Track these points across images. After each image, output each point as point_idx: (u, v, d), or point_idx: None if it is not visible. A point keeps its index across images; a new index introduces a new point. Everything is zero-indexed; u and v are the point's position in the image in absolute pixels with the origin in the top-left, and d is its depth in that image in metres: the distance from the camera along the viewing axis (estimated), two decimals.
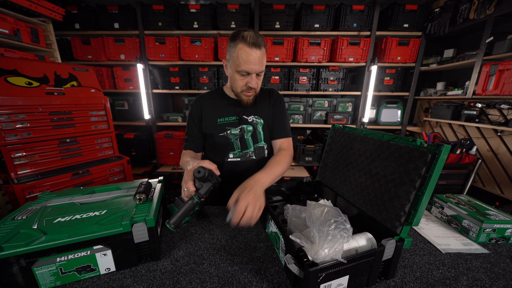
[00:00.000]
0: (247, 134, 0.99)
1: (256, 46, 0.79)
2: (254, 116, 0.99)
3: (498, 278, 0.60)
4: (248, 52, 0.80)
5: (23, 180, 1.35)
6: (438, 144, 0.52)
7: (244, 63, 0.81)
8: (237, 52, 0.81)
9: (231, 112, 0.99)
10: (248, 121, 0.98)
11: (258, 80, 0.88)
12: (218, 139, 0.98)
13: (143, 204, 0.71)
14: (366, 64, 2.39)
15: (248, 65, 0.81)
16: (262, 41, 0.81)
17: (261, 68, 0.84)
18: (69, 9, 2.26)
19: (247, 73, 0.84)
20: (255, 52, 0.80)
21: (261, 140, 1.02)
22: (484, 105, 1.86)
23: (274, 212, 0.71)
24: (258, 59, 0.81)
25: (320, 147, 2.50)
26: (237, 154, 1.01)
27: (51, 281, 0.56)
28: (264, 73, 0.90)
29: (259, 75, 0.87)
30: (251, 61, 0.80)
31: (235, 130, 0.98)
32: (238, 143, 0.99)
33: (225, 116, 0.98)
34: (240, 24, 2.28)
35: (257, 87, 0.89)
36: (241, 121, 0.98)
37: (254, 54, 0.80)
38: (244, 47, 0.80)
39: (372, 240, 0.58)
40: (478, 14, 1.80)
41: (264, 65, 0.86)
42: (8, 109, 1.31)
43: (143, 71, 2.40)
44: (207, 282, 0.58)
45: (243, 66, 0.81)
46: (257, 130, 1.00)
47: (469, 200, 0.90)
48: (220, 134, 0.98)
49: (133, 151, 2.57)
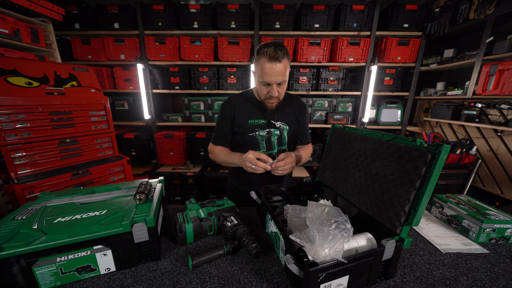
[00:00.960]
0: (274, 137, 1.09)
1: (275, 59, 0.87)
2: (281, 122, 1.09)
3: (498, 278, 0.60)
4: (268, 66, 0.88)
5: (23, 180, 1.35)
6: (438, 144, 0.52)
7: (265, 75, 0.90)
8: (260, 65, 0.91)
9: (260, 115, 1.08)
10: (276, 126, 1.09)
11: (280, 89, 0.96)
12: (247, 138, 1.07)
13: (143, 204, 0.71)
14: (366, 64, 2.39)
15: (268, 77, 0.90)
16: (282, 54, 0.88)
17: (282, 78, 0.91)
18: (69, 9, 2.26)
19: (268, 84, 0.93)
20: (275, 65, 0.88)
21: (285, 143, 1.12)
22: (484, 105, 1.86)
23: (274, 212, 0.71)
24: (277, 71, 0.89)
25: (320, 147, 2.50)
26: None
27: (51, 281, 0.56)
28: (286, 81, 0.97)
29: (281, 84, 0.94)
30: (271, 73, 0.89)
31: (263, 132, 1.08)
32: (264, 144, 1.09)
33: (255, 118, 1.07)
34: (240, 24, 2.28)
35: (279, 95, 0.97)
36: (270, 125, 1.08)
37: (274, 67, 0.88)
38: (265, 61, 0.88)
39: (372, 240, 0.58)
40: (478, 14, 1.80)
41: (286, 75, 0.93)
42: (8, 109, 1.31)
43: (143, 71, 2.40)
44: (207, 282, 0.58)
45: (265, 77, 0.91)
46: (283, 135, 1.10)
47: (469, 200, 0.90)
48: (250, 134, 1.07)
49: (133, 151, 2.57)
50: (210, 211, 0.80)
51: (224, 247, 0.67)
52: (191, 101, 2.58)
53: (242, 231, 0.71)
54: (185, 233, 0.72)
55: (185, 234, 0.72)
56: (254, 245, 0.66)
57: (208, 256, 0.64)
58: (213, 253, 0.65)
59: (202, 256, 0.64)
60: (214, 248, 0.67)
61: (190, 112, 2.58)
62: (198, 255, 0.64)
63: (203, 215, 0.77)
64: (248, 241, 0.67)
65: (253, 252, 0.65)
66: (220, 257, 0.67)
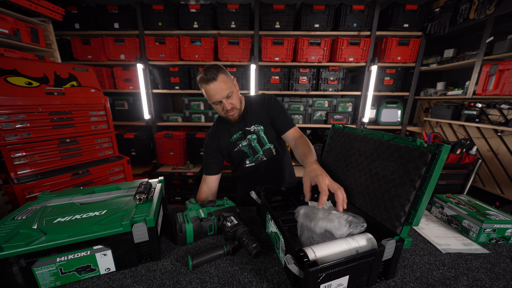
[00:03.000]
0: (254, 142, 1.11)
1: (210, 80, 0.91)
2: (255, 125, 1.11)
3: (498, 278, 0.60)
4: (208, 88, 0.93)
5: (23, 180, 1.35)
6: (438, 144, 0.52)
7: (210, 97, 0.95)
8: (203, 91, 0.96)
9: (237, 129, 1.12)
10: (251, 131, 1.10)
11: (231, 101, 0.98)
12: (234, 154, 1.13)
13: (143, 204, 0.71)
14: (366, 64, 2.39)
15: (213, 97, 0.95)
16: (215, 72, 0.91)
17: (226, 92, 0.94)
18: (69, 9, 2.26)
19: (219, 102, 0.97)
20: (213, 84, 0.92)
21: (266, 143, 1.12)
22: (484, 105, 1.86)
23: (274, 212, 0.71)
24: (217, 89, 0.92)
25: (320, 147, 2.50)
26: (251, 160, 1.14)
27: (51, 281, 0.56)
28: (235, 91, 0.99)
29: (229, 96, 0.97)
30: (213, 93, 0.93)
31: (244, 142, 1.11)
32: (250, 151, 1.13)
33: (234, 134, 1.12)
34: (240, 24, 2.28)
35: (233, 105, 0.99)
36: (246, 133, 1.10)
37: (213, 87, 0.92)
38: (204, 85, 0.93)
39: (372, 240, 0.58)
40: (478, 14, 1.80)
41: (229, 87, 0.95)
42: (8, 109, 1.31)
43: (143, 71, 2.40)
44: (207, 282, 0.58)
45: (211, 99, 0.96)
46: (260, 136, 1.11)
47: (469, 200, 0.90)
48: (235, 150, 1.12)
49: (133, 151, 2.57)
50: (210, 211, 0.80)
51: (224, 247, 0.67)
52: (191, 101, 2.58)
53: (242, 231, 0.71)
54: (185, 233, 0.72)
55: (185, 234, 0.72)
56: (254, 245, 0.66)
57: (208, 256, 0.64)
58: (213, 253, 0.65)
59: (202, 256, 0.64)
60: (214, 248, 0.67)
61: (190, 112, 2.58)
62: (198, 255, 0.64)
63: (203, 215, 0.77)
64: (248, 241, 0.67)
65: (253, 252, 0.65)
66: (220, 257, 0.67)
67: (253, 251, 0.65)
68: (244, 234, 0.70)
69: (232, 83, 0.99)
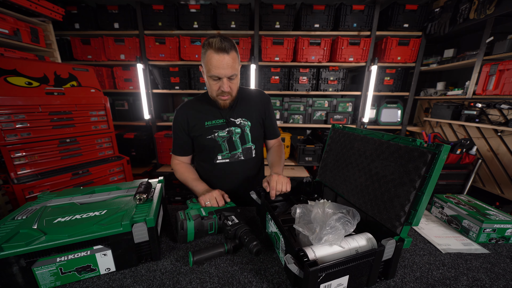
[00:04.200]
0: (235, 136, 1.01)
1: (222, 51, 0.81)
2: (242, 119, 1.02)
3: (498, 278, 0.60)
4: (215, 58, 0.82)
5: (23, 180, 1.35)
6: (438, 144, 0.52)
7: (213, 68, 0.84)
8: (206, 58, 0.84)
9: (218, 115, 1.00)
10: (236, 124, 1.01)
11: (231, 84, 0.89)
12: (206, 141, 1.00)
13: (143, 204, 0.71)
14: (366, 64, 2.39)
15: (216, 69, 0.84)
16: (229, 46, 0.83)
17: (231, 72, 0.85)
18: (69, 9, 2.26)
19: (218, 78, 0.86)
20: (222, 57, 0.82)
21: (249, 141, 1.04)
22: (484, 105, 1.86)
23: (274, 212, 0.71)
24: (226, 63, 0.83)
25: (320, 147, 2.50)
26: (226, 155, 1.03)
27: (51, 281, 0.56)
28: (238, 76, 0.91)
29: (232, 78, 0.88)
30: (219, 65, 0.83)
31: (223, 133, 1.00)
32: (226, 145, 1.01)
33: (213, 119, 1.00)
34: (240, 24, 2.27)
35: (231, 90, 0.91)
36: (229, 124, 1.00)
37: (222, 59, 0.82)
38: (211, 53, 0.82)
39: (372, 240, 0.58)
40: (478, 14, 1.79)
41: (236, 69, 0.87)
42: (8, 109, 1.31)
43: (143, 71, 2.40)
44: (207, 282, 0.58)
45: (213, 71, 0.84)
46: (245, 132, 1.02)
47: (469, 200, 0.90)
48: (208, 137, 0.99)
49: (133, 151, 2.57)
50: (211, 210, 0.80)
51: (224, 245, 0.67)
52: None
53: (243, 230, 0.71)
54: (186, 231, 0.71)
55: (186, 231, 0.71)
56: (254, 243, 0.66)
57: (209, 253, 0.64)
58: (214, 250, 0.65)
59: (203, 253, 0.64)
60: (215, 246, 0.67)
61: None
62: (199, 251, 0.64)
63: (204, 214, 0.77)
64: (248, 239, 0.67)
65: (254, 250, 0.64)
66: (221, 255, 0.67)
67: (254, 248, 0.65)
68: (244, 232, 0.70)
69: (239, 66, 0.91)
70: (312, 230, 0.57)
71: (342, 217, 0.57)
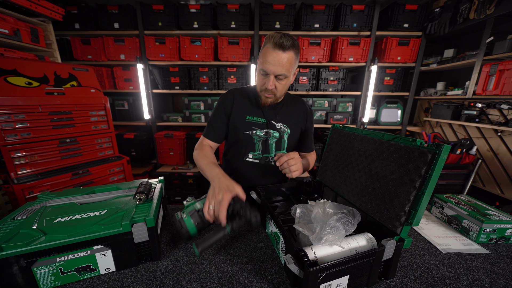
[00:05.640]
0: (272, 140, 0.99)
1: (279, 47, 0.78)
2: (283, 124, 1.00)
3: (498, 278, 0.60)
4: (269, 52, 0.80)
5: (23, 180, 1.35)
6: (438, 144, 0.52)
7: (265, 63, 0.82)
8: (262, 52, 0.83)
9: (260, 114, 0.98)
10: (276, 127, 0.99)
11: (277, 84, 0.86)
12: (242, 136, 0.98)
13: (143, 204, 0.71)
14: (366, 64, 2.39)
15: (267, 64, 0.81)
16: (289, 45, 0.79)
17: (281, 71, 0.82)
18: (69, 9, 2.26)
19: (266, 73, 0.84)
20: (277, 53, 0.79)
21: (284, 148, 1.02)
22: (484, 105, 1.86)
23: (274, 212, 0.71)
24: (278, 60, 0.79)
25: (320, 147, 2.50)
26: (257, 155, 1.00)
27: (51, 281, 0.56)
28: (288, 79, 0.87)
29: (280, 78, 0.85)
30: (270, 61, 0.80)
31: (261, 132, 0.98)
32: (260, 145, 0.99)
33: (255, 116, 0.98)
34: (240, 24, 2.28)
35: (275, 90, 0.87)
36: (269, 125, 0.98)
37: (275, 55, 0.79)
38: (269, 47, 0.80)
39: (372, 240, 0.58)
40: (478, 14, 1.80)
41: (287, 70, 0.83)
42: (8, 109, 1.31)
43: (143, 71, 2.40)
44: (207, 282, 0.58)
45: (263, 65, 0.82)
46: (283, 139, 1.00)
47: (469, 200, 0.90)
48: (246, 132, 0.97)
49: (133, 151, 2.57)
50: None
51: (226, 226, 0.66)
52: (191, 101, 2.58)
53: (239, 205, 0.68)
54: (186, 227, 0.70)
55: (186, 228, 0.70)
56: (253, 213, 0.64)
57: (212, 239, 0.63)
58: (216, 234, 0.64)
59: (206, 240, 0.63)
60: (217, 231, 0.65)
61: (190, 112, 2.58)
62: (202, 241, 0.63)
63: (199, 207, 0.76)
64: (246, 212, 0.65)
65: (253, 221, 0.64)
66: (225, 237, 0.66)
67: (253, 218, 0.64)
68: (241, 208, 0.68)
69: (293, 69, 0.86)
70: (312, 230, 0.57)
71: (342, 217, 0.57)
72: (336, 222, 0.56)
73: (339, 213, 0.59)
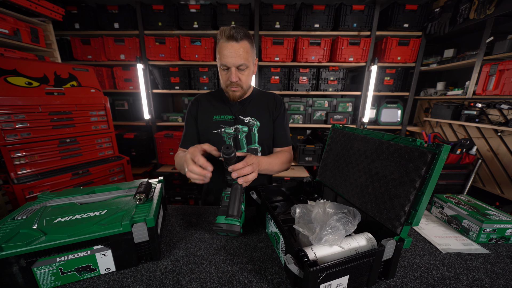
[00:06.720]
0: (242, 135, 0.99)
1: (232, 39, 0.79)
2: (251, 118, 0.99)
3: (498, 278, 0.60)
4: (225, 46, 0.81)
5: (23, 180, 1.35)
6: (438, 144, 0.52)
7: (222, 57, 0.82)
8: (218, 47, 0.84)
9: (228, 111, 0.99)
10: (244, 122, 0.98)
11: (241, 75, 0.87)
12: (211, 136, 0.98)
13: (143, 204, 0.71)
14: (366, 64, 2.39)
15: (224, 58, 0.82)
16: (241, 34, 0.80)
17: (240, 61, 0.82)
18: (69, 9, 2.26)
19: (227, 67, 0.84)
20: (231, 45, 0.80)
21: (255, 142, 1.01)
22: (484, 105, 1.86)
23: (274, 212, 0.71)
24: (235, 52, 0.80)
25: (320, 147, 2.50)
26: None
27: (51, 281, 0.56)
28: (250, 69, 0.88)
29: (242, 69, 0.85)
30: (227, 54, 0.81)
31: (230, 129, 0.98)
32: (231, 142, 0.99)
33: (221, 114, 0.99)
34: (240, 24, 2.28)
35: (240, 82, 0.88)
36: (237, 121, 0.98)
37: (230, 47, 0.80)
38: (222, 42, 0.81)
39: (372, 240, 0.58)
40: (478, 14, 1.80)
41: (246, 59, 0.84)
42: (8, 109, 1.31)
43: (143, 71, 2.40)
44: (207, 282, 0.58)
45: (221, 60, 0.83)
46: (252, 132, 0.99)
47: (469, 200, 0.90)
48: (214, 131, 0.98)
49: (133, 151, 2.57)
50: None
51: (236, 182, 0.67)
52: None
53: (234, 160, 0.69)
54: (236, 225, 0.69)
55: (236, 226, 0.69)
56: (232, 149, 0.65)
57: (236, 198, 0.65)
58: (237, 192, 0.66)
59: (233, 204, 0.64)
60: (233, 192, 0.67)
61: None
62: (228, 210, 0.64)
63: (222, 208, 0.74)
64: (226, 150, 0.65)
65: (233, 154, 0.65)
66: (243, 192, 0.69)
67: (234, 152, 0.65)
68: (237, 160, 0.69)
69: (252, 58, 0.87)
70: (312, 230, 0.57)
71: (343, 217, 0.57)
72: (336, 222, 0.56)
73: (339, 213, 0.59)
